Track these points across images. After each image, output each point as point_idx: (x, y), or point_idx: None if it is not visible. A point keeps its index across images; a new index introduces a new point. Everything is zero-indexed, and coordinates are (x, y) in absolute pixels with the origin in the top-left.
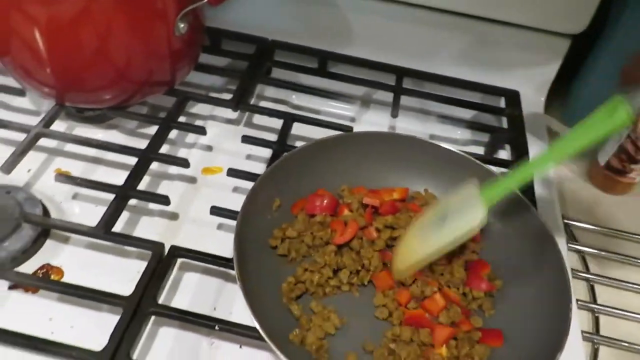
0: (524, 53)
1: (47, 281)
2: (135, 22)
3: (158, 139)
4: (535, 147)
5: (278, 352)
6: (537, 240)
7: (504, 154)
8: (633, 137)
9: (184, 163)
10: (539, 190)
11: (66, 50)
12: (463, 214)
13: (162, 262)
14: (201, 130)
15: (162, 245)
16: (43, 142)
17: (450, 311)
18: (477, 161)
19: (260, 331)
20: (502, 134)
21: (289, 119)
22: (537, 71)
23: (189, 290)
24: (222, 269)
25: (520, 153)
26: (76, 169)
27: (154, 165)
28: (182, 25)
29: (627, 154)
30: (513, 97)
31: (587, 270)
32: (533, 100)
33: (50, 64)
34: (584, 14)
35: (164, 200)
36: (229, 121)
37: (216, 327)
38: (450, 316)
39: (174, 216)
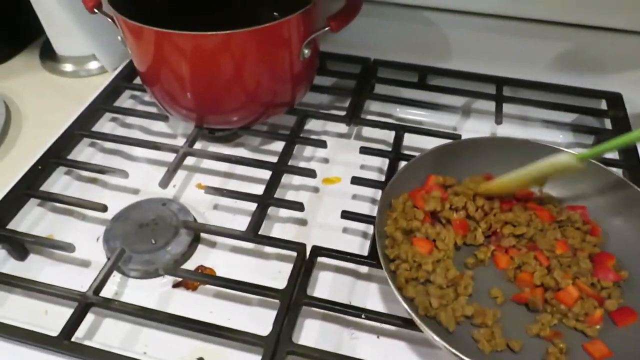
0: (624, 56)
1: (211, 276)
2: (267, 52)
3: (286, 154)
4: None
5: (426, 330)
6: None
7: (609, 154)
8: None
9: (312, 174)
10: None
11: (207, 79)
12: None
13: (306, 260)
14: (322, 144)
15: (304, 245)
16: (186, 160)
17: (585, 303)
18: (595, 162)
19: (409, 311)
20: (608, 135)
21: (401, 130)
22: (638, 74)
23: (325, 286)
24: (352, 266)
25: (629, 153)
26: (213, 182)
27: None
28: (306, 51)
29: None
30: (616, 99)
31: None
32: (636, 102)
33: (193, 92)
34: None
35: (299, 206)
36: (341, 135)
37: (362, 316)
38: (585, 307)
39: (302, 222)
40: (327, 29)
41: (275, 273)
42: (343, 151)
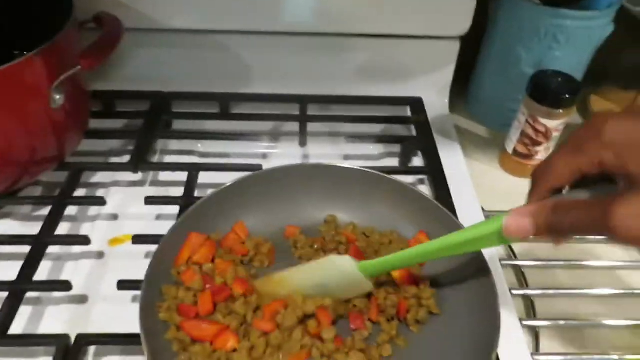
0: (420, 60)
1: None
2: (5, 101)
3: (53, 221)
4: (445, 149)
5: None
6: None
7: (418, 161)
8: (531, 122)
9: (85, 240)
10: (455, 185)
11: None
12: (349, 286)
13: (69, 355)
14: (100, 201)
15: (66, 336)
16: None
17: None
18: (386, 175)
19: None
20: (411, 142)
21: (194, 170)
22: (435, 76)
23: None
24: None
25: (432, 158)
26: None
27: (55, 249)
28: (57, 97)
29: (529, 138)
30: (417, 104)
31: (515, 258)
32: (438, 104)
33: None
34: (465, 17)
35: (65, 286)
36: (134, 184)
37: None
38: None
39: (82, 299)
40: (78, 68)
41: None
42: (135, 203)
